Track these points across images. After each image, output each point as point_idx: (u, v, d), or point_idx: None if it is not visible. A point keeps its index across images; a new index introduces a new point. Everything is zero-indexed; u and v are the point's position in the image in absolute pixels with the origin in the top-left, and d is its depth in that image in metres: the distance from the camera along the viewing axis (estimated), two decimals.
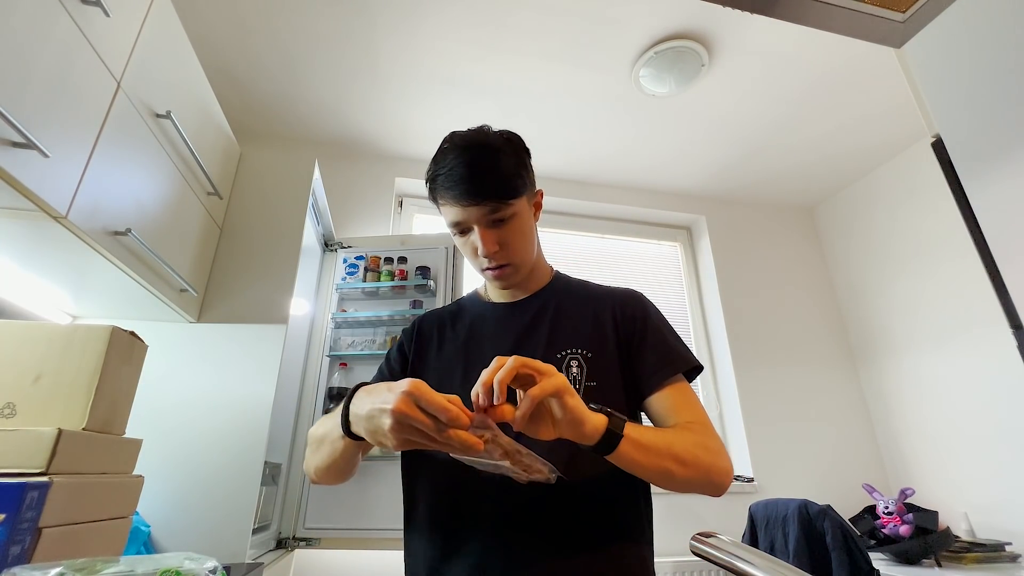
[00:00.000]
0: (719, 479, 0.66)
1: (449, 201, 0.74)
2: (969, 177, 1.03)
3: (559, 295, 0.86)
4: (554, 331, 0.79)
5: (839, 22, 1.16)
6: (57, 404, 0.79)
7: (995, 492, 2.00)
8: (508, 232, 0.76)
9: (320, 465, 0.73)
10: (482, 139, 0.77)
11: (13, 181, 0.74)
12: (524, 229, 0.78)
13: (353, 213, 2.32)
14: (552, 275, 0.90)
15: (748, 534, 1.87)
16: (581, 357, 0.75)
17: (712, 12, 1.75)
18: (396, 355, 0.88)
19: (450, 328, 0.87)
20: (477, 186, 0.72)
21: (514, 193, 0.75)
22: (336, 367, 1.80)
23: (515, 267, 0.79)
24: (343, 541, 1.58)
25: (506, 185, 0.74)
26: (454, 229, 0.78)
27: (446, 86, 2.09)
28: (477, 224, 0.74)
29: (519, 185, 0.76)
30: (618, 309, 0.81)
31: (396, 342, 0.90)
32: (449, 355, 0.82)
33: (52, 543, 0.66)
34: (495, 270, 0.78)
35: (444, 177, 0.74)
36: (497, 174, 0.74)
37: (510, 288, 0.85)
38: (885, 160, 2.59)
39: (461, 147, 0.75)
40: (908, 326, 2.43)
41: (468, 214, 0.74)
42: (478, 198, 0.73)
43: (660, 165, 2.64)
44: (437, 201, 0.78)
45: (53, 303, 1.25)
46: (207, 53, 1.84)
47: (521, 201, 0.77)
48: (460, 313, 0.89)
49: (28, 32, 0.76)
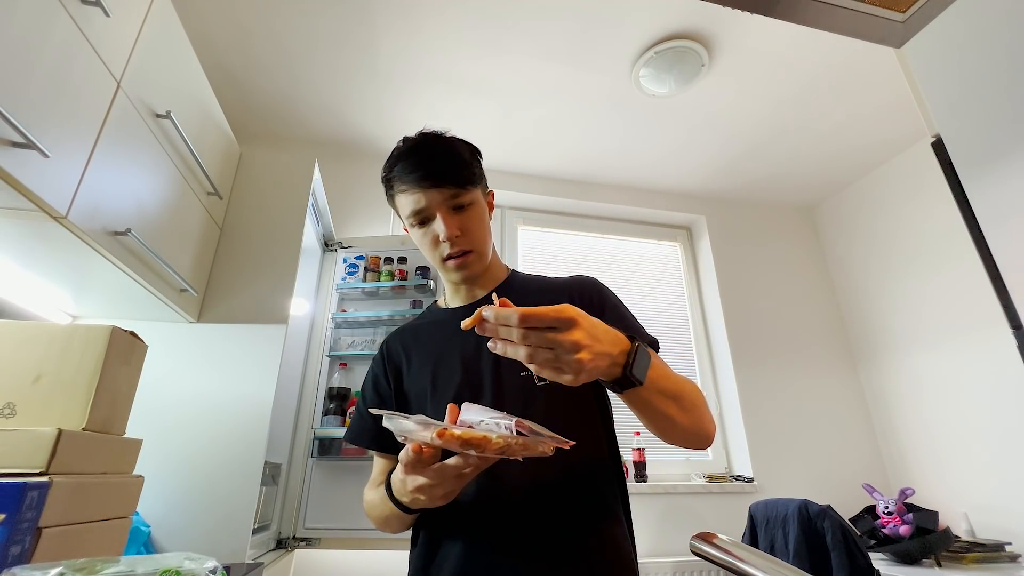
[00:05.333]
0: (709, 429, 0.70)
1: (410, 186, 0.76)
2: (969, 177, 1.03)
3: (516, 291, 0.86)
4: None
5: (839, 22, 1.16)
6: (57, 404, 0.79)
7: (995, 492, 2.00)
8: (468, 219, 0.78)
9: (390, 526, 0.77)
10: (434, 134, 0.81)
11: (13, 181, 0.74)
12: (483, 219, 0.81)
13: (353, 213, 2.32)
14: (508, 273, 0.91)
15: (748, 534, 1.87)
16: None
17: (712, 12, 1.75)
18: (372, 391, 0.86)
19: (416, 343, 0.86)
20: (438, 169, 0.75)
21: (472, 180, 0.78)
22: (336, 367, 1.80)
23: (476, 254, 0.79)
24: (343, 541, 1.58)
25: (464, 171, 0.78)
26: (414, 219, 0.78)
27: (446, 86, 2.09)
28: (439, 209, 0.76)
29: (476, 174, 0.80)
30: (575, 295, 0.82)
31: (370, 375, 0.89)
32: (421, 371, 0.82)
33: (52, 543, 0.66)
34: (457, 258, 0.78)
35: (403, 164, 0.77)
36: (456, 160, 0.78)
37: (469, 280, 0.83)
38: (885, 160, 2.59)
39: (417, 141, 0.80)
40: (908, 326, 2.43)
41: (429, 198, 0.75)
42: (439, 180, 0.75)
43: (660, 165, 2.64)
44: (395, 192, 0.79)
45: (53, 303, 1.25)
46: (207, 53, 1.84)
47: (478, 191, 0.80)
48: (422, 326, 0.89)
49: (28, 32, 0.76)
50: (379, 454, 0.83)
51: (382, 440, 0.77)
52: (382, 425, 0.70)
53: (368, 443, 0.82)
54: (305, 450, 1.69)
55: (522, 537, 0.68)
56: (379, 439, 0.78)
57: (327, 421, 1.70)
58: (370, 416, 0.80)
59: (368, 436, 0.82)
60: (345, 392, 1.76)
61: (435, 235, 0.77)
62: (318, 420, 1.73)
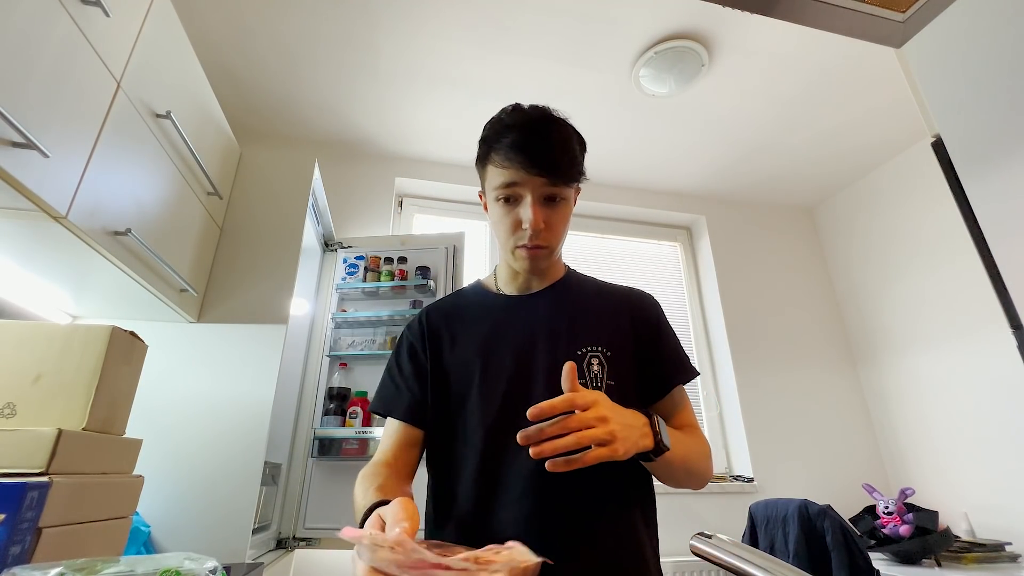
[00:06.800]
0: (705, 482, 0.76)
1: (513, 162, 0.71)
2: (969, 177, 1.03)
3: (574, 290, 0.84)
4: (574, 326, 0.78)
5: (839, 22, 1.16)
6: (57, 404, 0.79)
7: (995, 492, 2.00)
8: (556, 214, 0.75)
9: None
10: (555, 117, 0.76)
11: (13, 181, 0.74)
12: (568, 217, 0.78)
13: (353, 213, 2.32)
14: (566, 270, 0.89)
15: (748, 534, 1.87)
16: (602, 355, 0.75)
17: (712, 12, 1.75)
18: (408, 362, 0.81)
19: (460, 322, 0.82)
20: (548, 159, 0.71)
21: (575, 178, 0.75)
22: (336, 367, 1.80)
23: (550, 251, 0.77)
24: (343, 541, 1.57)
25: (573, 168, 0.74)
26: (500, 193, 0.73)
27: (446, 86, 2.09)
28: (532, 194, 0.72)
29: (581, 172, 0.77)
30: (636, 310, 0.82)
31: (403, 345, 0.84)
32: (466, 352, 0.79)
33: (52, 543, 0.66)
34: (532, 249, 0.74)
35: (516, 137, 0.71)
36: (569, 154, 0.74)
37: (535, 273, 0.81)
38: (885, 160, 2.59)
39: (532, 117, 0.75)
40: (908, 326, 2.43)
41: (527, 181, 0.71)
42: (544, 170, 0.71)
43: (660, 165, 2.64)
44: (491, 161, 0.74)
45: (53, 303, 1.25)
46: (207, 53, 1.84)
47: (572, 190, 0.77)
48: (467, 306, 0.86)
49: (28, 32, 0.76)
50: (407, 430, 0.77)
51: (415, 411, 0.76)
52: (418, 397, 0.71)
53: (402, 414, 0.77)
54: (305, 450, 1.69)
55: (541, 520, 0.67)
56: (412, 410, 0.77)
57: (327, 421, 1.70)
58: (405, 386, 0.78)
59: (402, 407, 0.77)
60: (345, 392, 1.76)
61: (518, 219, 0.73)
62: (318, 420, 1.73)
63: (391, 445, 0.77)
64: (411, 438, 0.77)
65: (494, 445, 0.71)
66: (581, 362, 0.74)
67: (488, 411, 0.73)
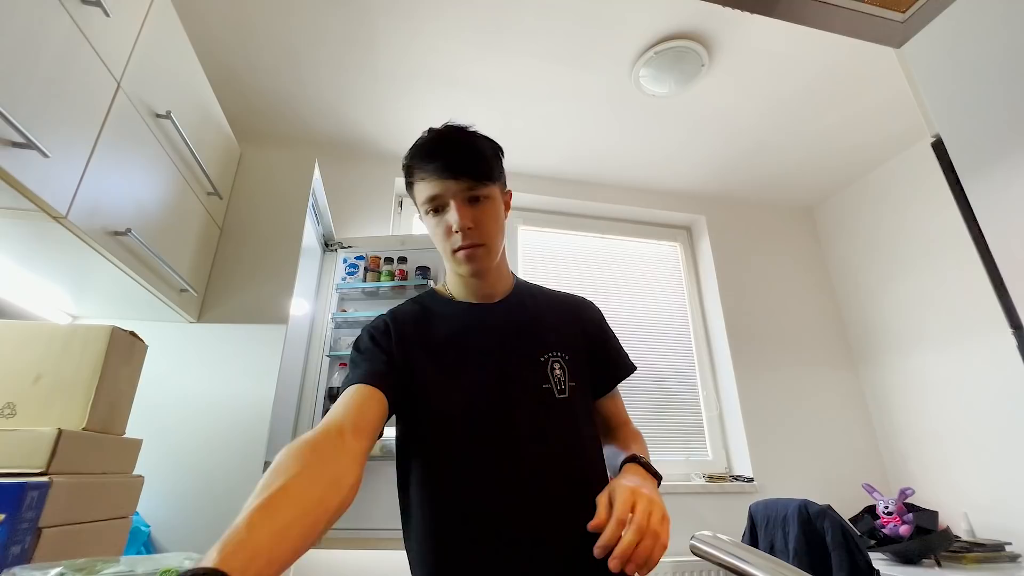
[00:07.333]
0: None
1: (428, 175, 0.77)
2: (969, 177, 1.03)
3: (527, 298, 0.89)
4: (535, 334, 0.83)
5: (839, 22, 1.16)
6: (57, 404, 0.79)
7: (995, 492, 2.00)
8: (482, 212, 0.78)
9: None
10: (460, 127, 0.83)
11: (13, 181, 0.74)
12: (497, 215, 0.81)
13: (353, 213, 2.32)
14: (514, 279, 0.92)
15: (748, 534, 1.87)
16: (562, 359, 0.82)
17: (712, 12, 1.75)
18: (375, 350, 0.78)
19: (427, 329, 0.82)
20: (457, 161, 0.76)
21: (490, 175, 0.79)
22: (336, 367, 1.80)
23: (487, 249, 0.79)
24: (343, 541, 1.58)
25: (484, 165, 0.78)
26: (428, 206, 0.78)
27: (447, 87, 2.09)
28: (454, 199, 0.76)
29: (495, 169, 0.81)
30: (584, 315, 0.91)
31: (364, 337, 0.81)
32: (435, 362, 0.78)
33: (52, 543, 0.66)
34: (467, 249, 0.77)
35: (425, 153, 0.78)
36: (476, 154, 0.79)
37: (477, 275, 0.81)
38: (885, 160, 2.59)
39: (440, 132, 0.82)
40: (908, 326, 2.43)
41: (446, 188, 0.76)
42: (457, 172, 0.76)
43: (660, 165, 2.64)
44: (414, 180, 0.80)
45: (53, 303, 1.25)
46: (207, 53, 1.84)
47: (495, 188, 0.81)
48: (430, 314, 0.85)
49: (28, 32, 0.76)
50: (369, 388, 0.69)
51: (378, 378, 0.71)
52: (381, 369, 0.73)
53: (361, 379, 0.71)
54: None
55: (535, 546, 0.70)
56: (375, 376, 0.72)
57: None
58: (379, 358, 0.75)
59: (378, 376, 0.72)
60: None
61: (448, 225, 0.77)
62: (318, 420, 1.73)
63: (351, 407, 0.66)
64: (373, 395, 0.69)
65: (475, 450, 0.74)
66: (544, 367, 0.80)
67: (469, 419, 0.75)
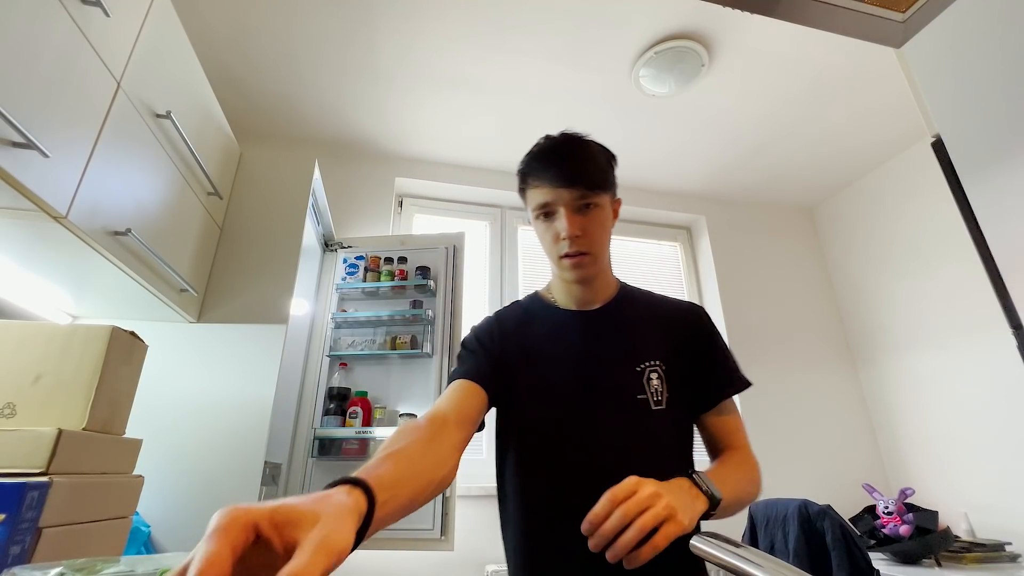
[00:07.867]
0: (756, 498, 0.80)
1: (542, 182, 0.79)
2: (969, 177, 1.03)
3: (629, 305, 0.88)
4: (633, 342, 0.83)
5: (839, 22, 1.16)
6: (57, 404, 0.79)
7: (995, 492, 2.00)
8: (591, 221, 0.79)
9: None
10: (575, 135, 0.84)
11: (13, 181, 0.74)
12: (605, 224, 0.82)
13: (353, 213, 2.32)
14: (619, 285, 0.92)
15: (748, 534, 1.87)
16: (660, 369, 0.80)
17: (712, 12, 1.75)
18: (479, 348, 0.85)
19: (526, 332, 0.87)
20: (571, 170, 0.78)
21: (602, 185, 0.80)
22: (336, 367, 1.80)
23: (592, 257, 0.80)
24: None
25: (596, 175, 0.80)
26: (539, 211, 0.80)
27: (447, 87, 2.09)
28: (564, 207, 0.78)
29: (607, 180, 0.82)
30: (688, 323, 0.87)
31: (472, 338, 0.88)
32: (533, 365, 0.83)
33: (52, 543, 0.66)
34: (573, 257, 0.79)
35: (540, 160, 0.81)
36: (590, 163, 0.80)
37: (582, 281, 0.84)
38: (885, 160, 2.59)
39: (558, 140, 0.83)
40: (908, 326, 2.43)
41: (557, 196, 0.78)
42: (570, 182, 0.77)
43: (660, 165, 2.64)
44: (528, 186, 0.82)
45: (53, 303, 1.25)
46: (207, 53, 1.84)
47: (606, 197, 0.82)
48: (532, 318, 0.89)
49: (28, 32, 0.76)
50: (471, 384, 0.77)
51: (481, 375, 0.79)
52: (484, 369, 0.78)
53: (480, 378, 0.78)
54: (305, 450, 1.69)
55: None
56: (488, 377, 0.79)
57: (327, 421, 1.70)
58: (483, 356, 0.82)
59: (481, 374, 0.79)
60: (345, 392, 1.76)
61: (556, 232, 0.79)
62: (318, 420, 1.73)
63: (451, 396, 0.75)
64: (475, 390, 0.77)
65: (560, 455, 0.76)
66: (640, 377, 0.79)
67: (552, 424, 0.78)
